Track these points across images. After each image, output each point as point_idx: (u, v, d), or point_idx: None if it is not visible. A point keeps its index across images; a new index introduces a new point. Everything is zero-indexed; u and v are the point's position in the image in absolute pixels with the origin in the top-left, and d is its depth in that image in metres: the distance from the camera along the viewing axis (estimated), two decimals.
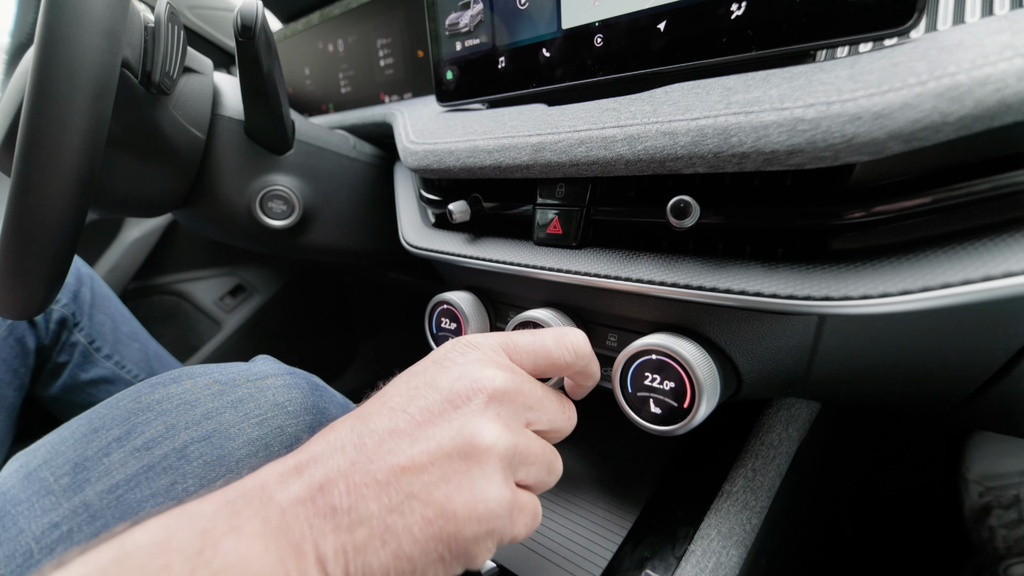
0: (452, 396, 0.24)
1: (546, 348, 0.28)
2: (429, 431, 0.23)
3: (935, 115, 0.21)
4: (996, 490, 0.63)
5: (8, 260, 0.34)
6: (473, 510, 0.22)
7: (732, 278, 0.28)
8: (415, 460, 0.22)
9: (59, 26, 0.29)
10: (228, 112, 0.52)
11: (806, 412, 0.45)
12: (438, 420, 0.24)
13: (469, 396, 0.24)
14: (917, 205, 0.25)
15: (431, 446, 0.23)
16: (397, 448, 0.22)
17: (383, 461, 0.22)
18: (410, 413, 0.24)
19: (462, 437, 0.23)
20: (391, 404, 0.24)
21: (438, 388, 0.25)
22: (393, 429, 0.23)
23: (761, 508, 0.37)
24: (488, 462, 0.23)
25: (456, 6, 0.43)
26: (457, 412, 0.24)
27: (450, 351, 0.27)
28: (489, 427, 0.24)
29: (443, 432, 0.23)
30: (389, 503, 0.21)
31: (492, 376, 0.25)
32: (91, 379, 0.75)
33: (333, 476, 0.22)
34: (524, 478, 0.25)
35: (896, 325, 0.27)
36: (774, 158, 0.25)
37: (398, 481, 0.22)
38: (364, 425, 0.23)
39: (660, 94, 0.31)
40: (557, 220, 0.36)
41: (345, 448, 0.23)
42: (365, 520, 0.21)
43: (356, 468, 0.22)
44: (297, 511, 0.21)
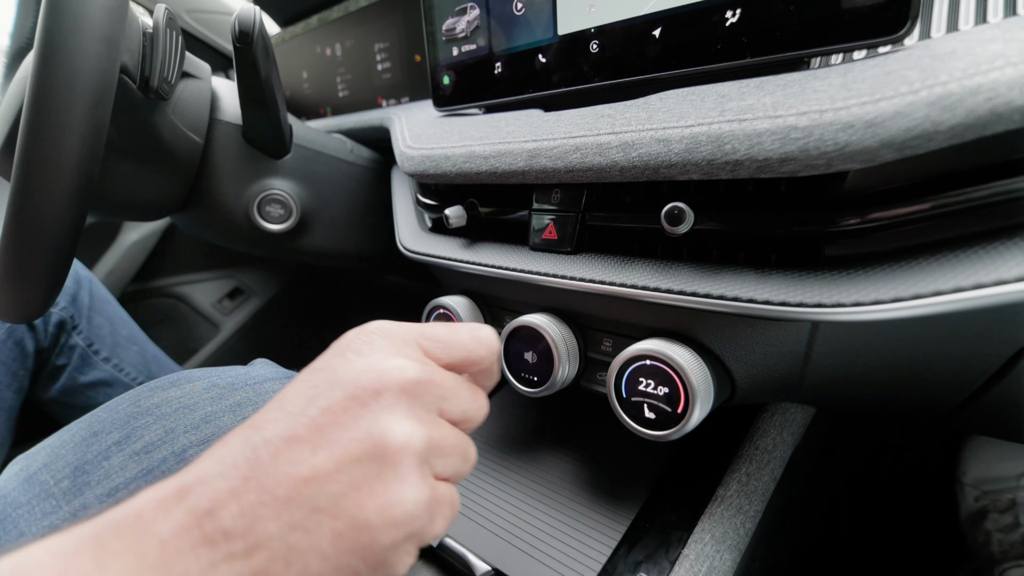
0: (357, 392, 0.21)
1: (462, 342, 0.26)
2: (333, 435, 0.20)
3: (927, 124, 0.22)
4: (992, 494, 0.63)
5: (8, 264, 0.34)
6: (389, 516, 0.20)
7: (725, 284, 0.28)
8: (318, 469, 0.20)
9: (58, 32, 0.29)
10: (226, 117, 0.52)
11: (801, 417, 0.45)
12: (343, 420, 0.21)
13: (377, 391, 0.21)
14: (910, 212, 0.25)
15: (336, 452, 0.20)
16: (297, 458, 0.20)
17: (281, 474, 0.19)
18: (310, 416, 0.21)
19: (371, 439, 0.21)
20: (288, 408, 0.21)
21: (341, 384, 0.22)
22: (291, 436, 0.20)
23: (755, 512, 0.37)
24: (402, 462, 0.21)
25: (453, 11, 0.43)
26: (364, 410, 0.21)
27: (354, 340, 0.24)
28: (401, 424, 0.21)
29: (349, 435, 0.20)
30: (291, 520, 0.19)
31: (402, 367, 0.22)
32: (90, 382, 0.76)
33: (223, 497, 0.19)
34: (441, 471, 0.23)
35: (889, 332, 0.28)
36: (767, 165, 0.25)
37: (300, 495, 0.19)
38: (258, 435, 0.20)
39: (655, 100, 0.31)
40: (552, 225, 0.36)
41: (237, 464, 0.20)
42: (264, 543, 0.18)
43: (250, 485, 0.19)
44: (180, 542, 0.18)
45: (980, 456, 0.66)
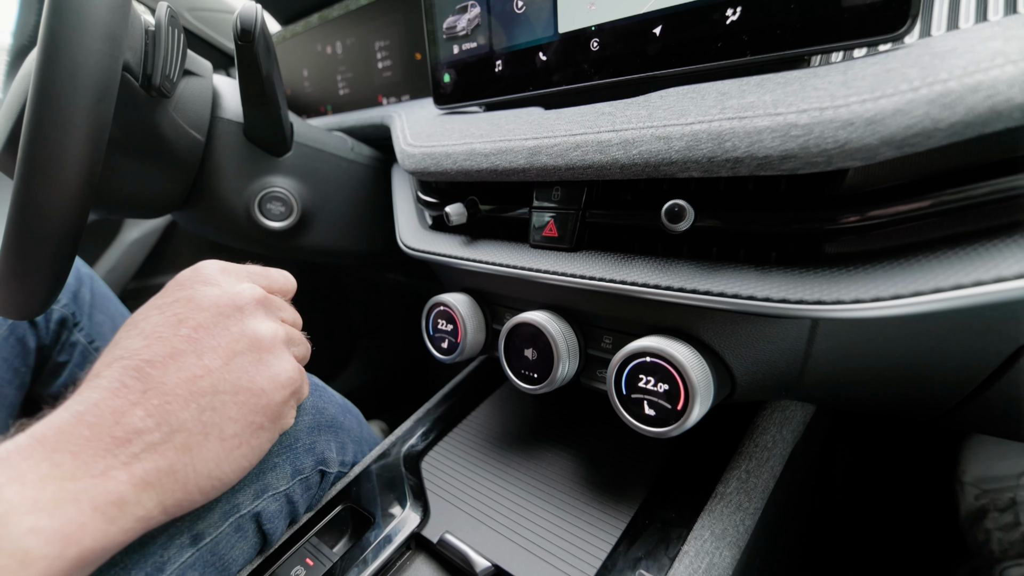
0: (221, 309, 0.27)
1: (271, 274, 0.35)
2: (211, 341, 0.26)
3: (927, 121, 0.22)
4: (992, 493, 0.63)
5: (10, 261, 0.34)
6: (276, 381, 0.27)
7: (726, 282, 0.28)
8: (209, 367, 0.25)
9: (61, 30, 0.29)
10: (227, 115, 0.52)
11: (801, 414, 0.45)
12: (215, 330, 0.26)
13: (238, 306, 0.28)
14: (910, 210, 0.25)
15: (220, 353, 0.26)
16: (186, 364, 0.25)
17: (177, 378, 0.24)
18: (184, 335, 0.26)
19: (247, 336, 0.27)
20: (158, 333, 0.26)
21: (203, 307, 0.27)
22: (174, 351, 0.25)
23: (755, 510, 0.37)
24: (275, 346, 0.28)
25: (454, 10, 0.43)
26: (231, 320, 0.27)
27: (195, 276, 0.30)
28: (266, 323, 0.29)
29: (227, 338, 0.26)
30: (199, 405, 0.24)
31: (251, 288, 0.30)
32: None
33: (125, 408, 0.23)
34: (296, 354, 0.32)
35: (889, 329, 0.28)
36: (767, 163, 0.25)
37: (199, 388, 0.24)
38: (135, 360, 0.24)
39: (655, 98, 0.31)
40: (553, 223, 0.36)
41: (127, 383, 0.23)
42: (179, 427, 0.23)
43: (150, 395, 0.23)
44: (93, 448, 0.21)
45: (980, 455, 0.66)
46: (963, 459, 0.66)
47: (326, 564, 0.38)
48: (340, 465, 0.46)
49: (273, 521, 0.39)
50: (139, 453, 0.22)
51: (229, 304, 0.28)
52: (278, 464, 0.38)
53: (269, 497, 0.37)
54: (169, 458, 0.23)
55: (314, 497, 0.43)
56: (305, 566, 0.38)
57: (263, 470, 0.37)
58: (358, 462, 0.48)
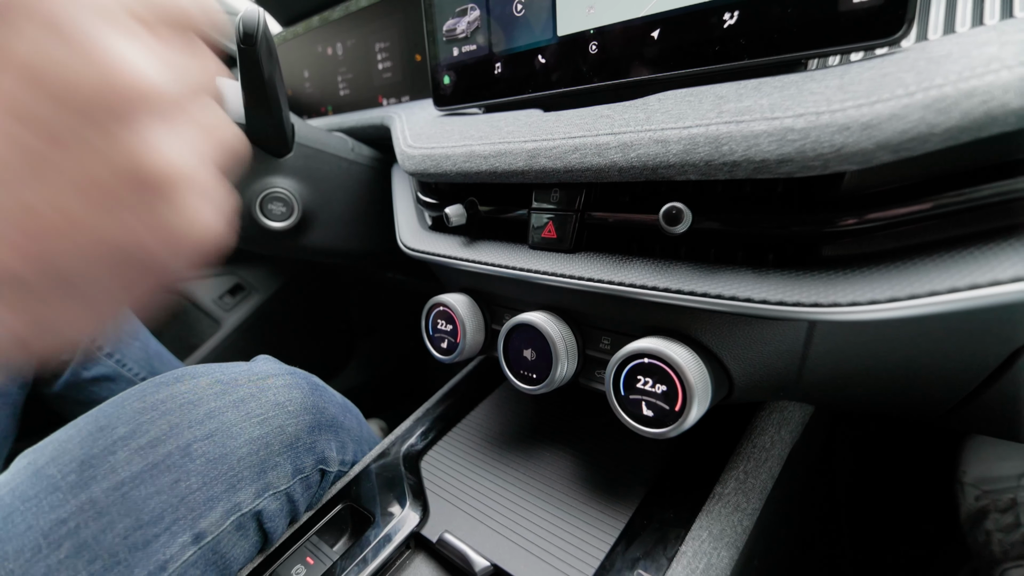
0: (83, 105, 0.16)
1: None
2: (57, 157, 0.16)
3: (922, 126, 0.22)
4: (992, 494, 0.63)
5: None
6: (166, 239, 0.18)
7: (723, 283, 0.28)
8: (56, 202, 0.16)
9: None
10: (229, 115, 0.52)
11: (799, 415, 0.45)
12: (68, 142, 0.16)
13: (111, 105, 0.16)
14: (906, 213, 0.25)
15: (73, 178, 0.16)
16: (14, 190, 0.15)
17: None
18: (14, 137, 0.15)
19: (116, 163, 0.16)
20: None
21: (54, 95, 0.15)
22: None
23: (753, 510, 0.37)
24: (168, 186, 0.18)
25: (453, 12, 0.43)
26: (97, 127, 0.16)
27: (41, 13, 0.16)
28: (163, 143, 0.18)
29: (85, 159, 0.16)
30: None
31: (142, 67, 0.17)
32: (93, 377, 0.76)
33: None
34: None
35: (885, 331, 0.28)
36: (764, 167, 0.25)
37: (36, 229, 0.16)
38: None
39: (653, 101, 0.31)
40: (552, 224, 0.36)
41: None
42: None
43: None
44: None
45: (980, 456, 0.66)
46: (963, 460, 0.66)
47: (326, 563, 0.38)
48: (340, 464, 0.46)
49: (274, 520, 0.39)
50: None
51: (97, 98, 0.16)
52: (279, 463, 0.38)
53: (270, 496, 0.38)
54: None
55: (314, 496, 0.44)
56: (305, 565, 0.38)
57: (264, 469, 0.37)
58: (358, 461, 0.48)
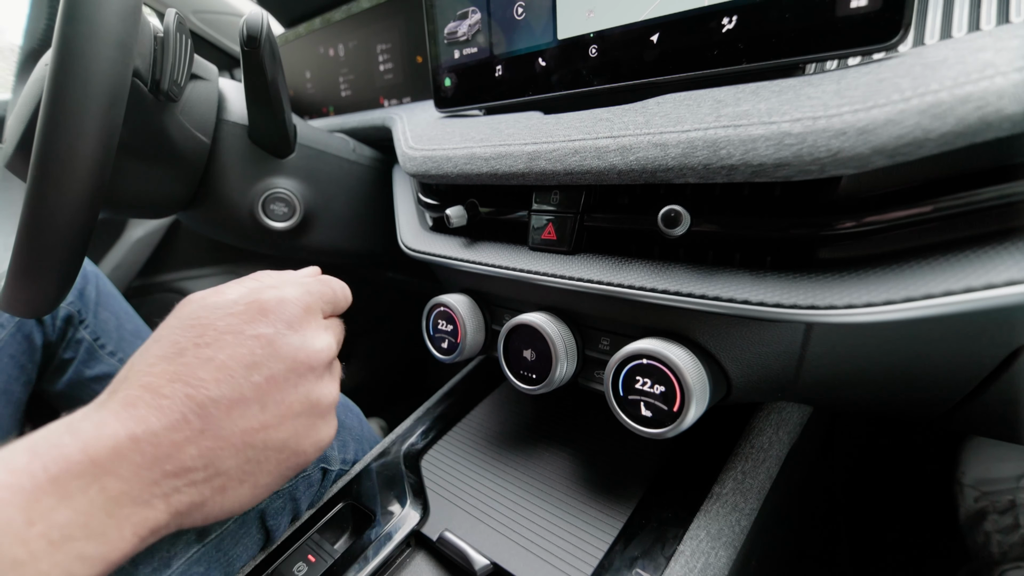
0: (296, 366, 0.27)
1: (338, 299, 0.34)
2: (277, 396, 0.26)
3: (918, 131, 0.22)
4: (992, 495, 0.63)
5: (22, 261, 0.35)
6: (318, 446, 0.28)
7: (721, 286, 0.28)
8: (267, 423, 0.25)
9: (74, 39, 0.30)
10: (232, 117, 0.52)
11: (797, 416, 0.46)
12: (285, 387, 0.26)
13: (312, 367, 0.28)
14: (903, 217, 0.25)
15: (282, 410, 0.26)
16: (248, 414, 0.25)
17: (235, 427, 0.24)
18: (254, 382, 0.25)
19: (310, 400, 0.27)
20: (229, 370, 0.25)
21: (281, 357, 0.27)
22: (239, 399, 0.25)
23: (751, 510, 0.38)
24: (329, 412, 0.29)
25: (455, 15, 0.43)
26: (302, 379, 0.27)
27: (280, 311, 0.28)
28: (330, 388, 0.29)
29: (293, 396, 0.27)
30: (246, 457, 0.25)
31: (328, 346, 0.29)
32: (95, 375, 0.77)
33: (180, 441, 0.23)
34: None
35: (882, 333, 0.28)
36: (762, 170, 0.26)
37: (253, 440, 0.25)
38: (201, 393, 0.24)
39: (652, 105, 0.32)
40: (551, 226, 0.37)
41: (188, 419, 0.23)
42: (223, 471, 0.24)
43: (206, 435, 0.23)
44: (141, 478, 0.21)
45: (980, 457, 0.66)
46: (963, 461, 0.66)
47: (327, 561, 0.38)
48: (341, 463, 0.46)
49: (276, 518, 0.39)
50: (181, 487, 0.23)
51: (306, 362, 0.27)
52: None
53: (272, 494, 0.38)
54: (204, 495, 0.23)
55: (316, 494, 0.44)
56: (307, 562, 0.39)
57: None
58: (359, 460, 0.49)
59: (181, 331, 0.26)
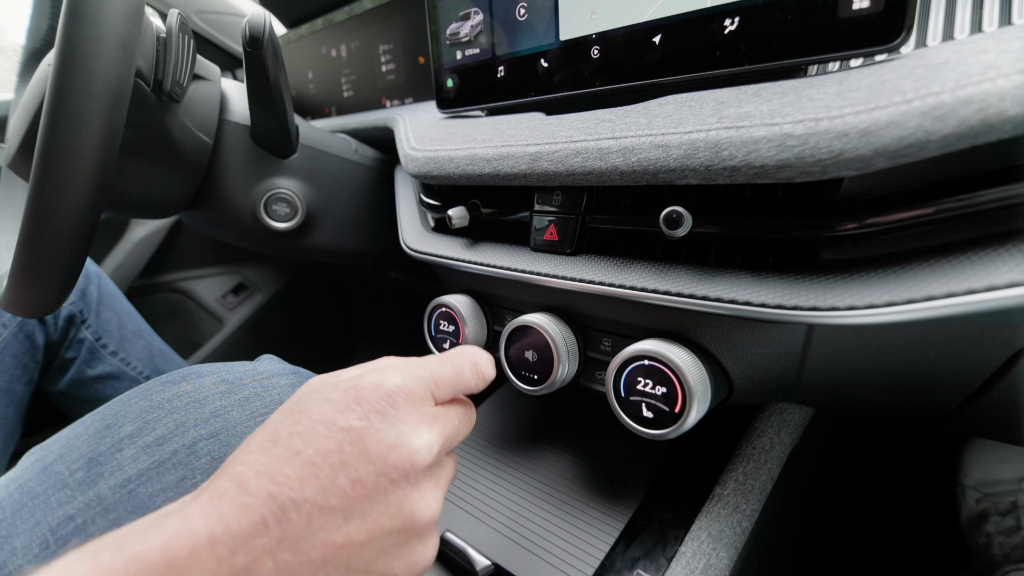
0: (387, 470, 0.23)
1: (465, 381, 0.29)
2: (365, 506, 0.22)
3: (919, 133, 0.22)
4: (993, 496, 0.63)
5: (25, 261, 0.35)
6: (412, 570, 0.23)
7: (723, 287, 0.28)
8: (353, 538, 0.22)
9: (77, 39, 0.30)
10: (235, 118, 0.53)
11: (799, 417, 0.46)
12: (374, 495, 0.22)
13: (406, 471, 0.23)
14: (905, 218, 0.25)
15: (369, 524, 0.22)
16: (330, 525, 0.21)
17: (316, 539, 0.21)
18: (340, 486, 0.22)
19: (402, 515, 0.23)
20: (315, 466, 0.22)
21: (371, 459, 0.23)
22: (323, 504, 0.21)
23: (752, 512, 0.38)
24: (426, 530, 0.24)
25: (457, 16, 0.43)
26: (394, 487, 0.23)
27: (373, 398, 0.24)
28: (427, 501, 0.24)
29: (381, 508, 0.22)
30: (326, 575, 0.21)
31: (428, 446, 0.24)
32: (97, 375, 0.77)
33: (258, 553, 0.20)
34: None
35: (883, 335, 0.28)
36: (764, 172, 0.26)
37: (335, 558, 0.21)
38: (282, 491, 0.21)
39: (654, 106, 0.32)
40: (553, 227, 0.37)
41: (267, 522, 0.20)
42: None
43: (284, 546, 0.20)
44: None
45: (981, 458, 0.66)
46: (964, 462, 0.66)
47: None
48: None
49: None
50: None
51: (398, 466, 0.23)
52: None
53: None
54: None
55: None
56: None
57: None
58: None
59: (283, 416, 0.24)
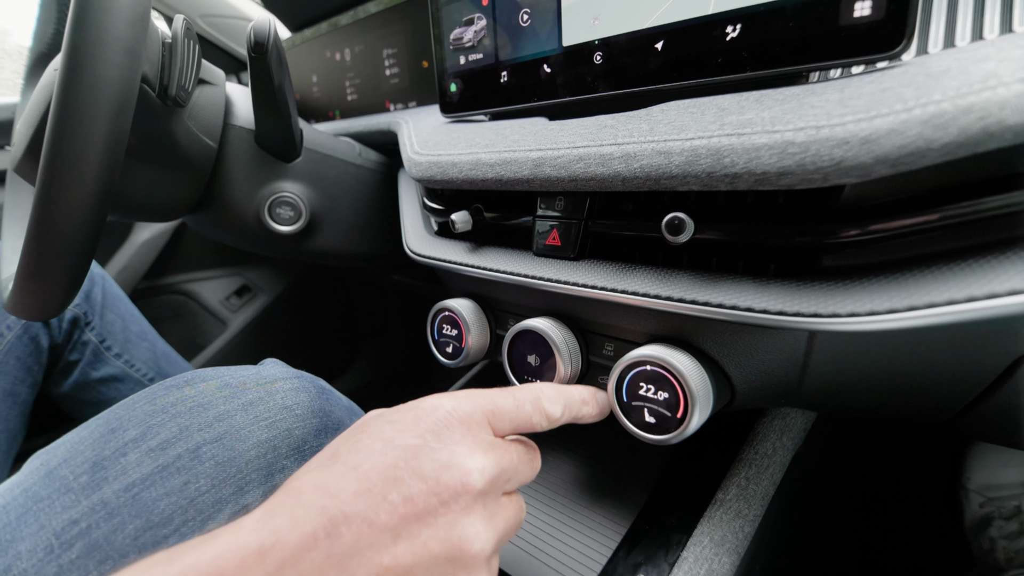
0: (439, 489, 0.23)
1: (527, 416, 0.28)
2: (414, 527, 0.22)
3: (920, 141, 0.22)
4: (997, 501, 0.63)
5: (31, 265, 0.36)
6: None
7: (725, 293, 0.29)
8: (399, 560, 0.21)
9: (83, 45, 0.31)
10: (239, 122, 0.53)
11: (801, 422, 0.46)
12: (424, 516, 0.22)
13: (458, 492, 0.23)
14: (906, 225, 0.25)
15: (417, 547, 0.22)
16: (378, 543, 0.21)
17: (363, 558, 0.21)
18: (391, 502, 0.22)
19: (451, 541, 0.22)
20: (369, 482, 0.22)
21: (423, 476, 0.23)
22: (374, 521, 0.21)
23: (754, 516, 0.38)
24: (474, 565, 0.23)
25: (460, 21, 0.44)
26: (444, 508, 0.22)
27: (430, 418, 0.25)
28: (478, 530, 0.23)
29: (430, 531, 0.22)
30: None
31: (481, 469, 0.24)
32: (101, 377, 0.77)
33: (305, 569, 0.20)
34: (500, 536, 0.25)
35: (885, 341, 0.28)
36: (765, 179, 0.26)
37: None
38: (335, 504, 0.21)
39: (657, 112, 0.32)
40: (556, 232, 0.37)
41: (317, 536, 0.20)
42: None
43: (331, 562, 0.20)
44: None
45: (985, 462, 0.65)
46: (968, 466, 0.66)
47: None
48: None
49: None
50: None
51: (450, 485, 0.23)
52: (286, 466, 0.39)
53: None
54: None
55: None
56: None
57: (272, 472, 0.38)
58: None
59: (345, 438, 0.24)
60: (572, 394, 0.32)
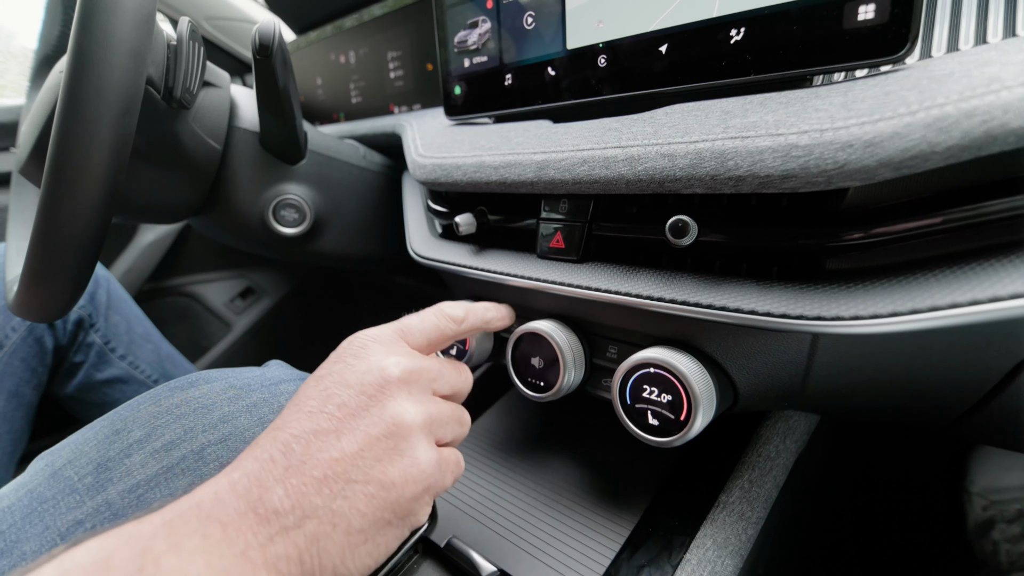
0: (364, 388, 0.27)
1: (431, 323, 0.32)
2: (352, 423, 0.25)
3: (923, 145, 0.22)
4: (1000, 504, 0.63)
5: (36, 266, 0.36)
6: (408, 474, 0.25)
7: (728, 296, 0.29)
8: (346, 451, 0.24)
9: (89, 47, 0.31)
10: (244, 124, 0.53)
11: (804, 424, 0.46)
12: (358, 412, 0.26)
13: (381, 385, 0.27)
14: (909, 228, 0.26)
15: (358, 436, 0.25)
16: (326, 445, 0.24)
17: (315, 459, 0.24)
18: (328, 412, 0.26)
19: (384, 421, 0.26)
20: (307, 408, 0.26)
21: (349, 384, 0.27)
22: (317, 430, 0.25)
23: (757, 519, 0.38)
24: (412, 434, 0.26)
25: (465, 24, 0.44)
26: (372, 401, 0.26)
27: (349, 348, 0.29)
28: (406, 407, 0.27)
29: (366, 421, 0.26)
30: (331, 493, 0.23)
31: (396, 362, 0.28)
32: (106, 379, 0.77)
33: (269, 484, 0.23)
34: (442, 436, 0.29)
35: (888, 344, 0.28)
36: (769, 182, 0.26)
37: (334, 472, 0.24)
38: (285, 432, 0.25)
39: (661, 115, 0.32)
40: (560, 235, 0.37)
41: (274, 458, 0.24)
42: (311, 513, 0.23)
43: (291, 472, 0.23)
44: (239, 523, 0.22)
45: (988, 466, 0.65)
46: (971, 469, 0.66)
47: None
48: None
49: None
50: (273, 536, 0.22)
51: (373, 382, 0.27)
52: None
53: None
54: (298, 545, 0.22)
55: None
56: None
57: None
58: None
59: None
60: (474, 304, 0.36)
